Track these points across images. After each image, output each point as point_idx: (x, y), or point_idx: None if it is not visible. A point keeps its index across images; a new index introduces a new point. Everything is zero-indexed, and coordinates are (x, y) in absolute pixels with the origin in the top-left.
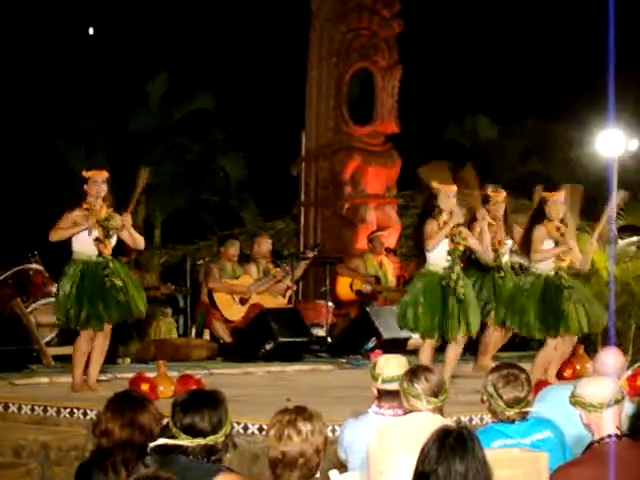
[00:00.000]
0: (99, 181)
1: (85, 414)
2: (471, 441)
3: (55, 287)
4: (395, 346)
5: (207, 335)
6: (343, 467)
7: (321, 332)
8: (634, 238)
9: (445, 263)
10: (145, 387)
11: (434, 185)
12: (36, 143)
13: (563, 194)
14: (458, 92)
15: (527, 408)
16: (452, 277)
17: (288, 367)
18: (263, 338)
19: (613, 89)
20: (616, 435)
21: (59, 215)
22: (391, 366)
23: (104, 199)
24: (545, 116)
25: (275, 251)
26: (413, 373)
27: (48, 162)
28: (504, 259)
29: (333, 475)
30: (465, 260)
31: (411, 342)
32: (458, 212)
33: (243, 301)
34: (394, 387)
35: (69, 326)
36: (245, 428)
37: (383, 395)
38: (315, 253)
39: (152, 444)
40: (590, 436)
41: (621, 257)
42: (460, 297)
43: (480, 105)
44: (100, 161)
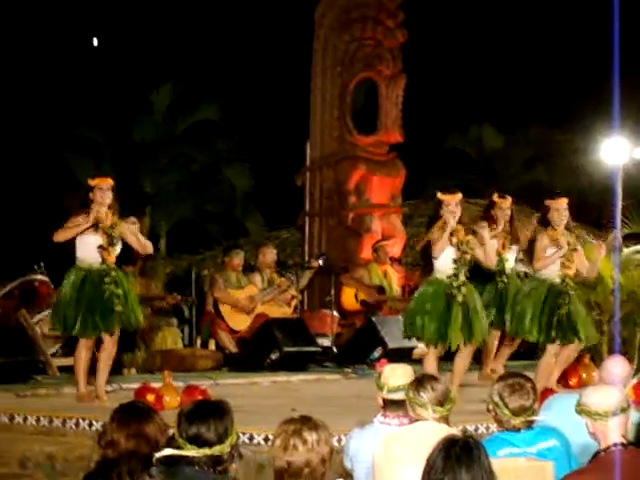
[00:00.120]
0: (104, 189)
1: (91, 425)
2: (477, 450)
3: None
4: (400, 355)
5: (212, 345)
6: (349, 477)
7: (326, 342)
8: (639, 246)
9: (450, 271)
10: (151, 397)
11: (438, 195)
12: (42, 154)
13: (566, 201)
14: (462, 101)
15: (533, 417)
16: (454, 284)
17: (293, 377)
18: (268, 348)
19: (618, 97)
20: (622, 444)
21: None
22: (396, 375)
23: (109, 207)
24: (550, 124)
25: (280, 261)
26: (419, 382)
27: (54, 173)
28: (508, 265)
29: None
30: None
31: (416, 351)
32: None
33: (248, 311)
34: (399, 396)
35: (66, 333)
36: (251, 438)
37: (389, 404)
38: (320, 262)
39: (158, 454)
40: (596, 445)
41: (626, 265)
42: (459, 302)
43: (484, 114)
44: (106, 171)
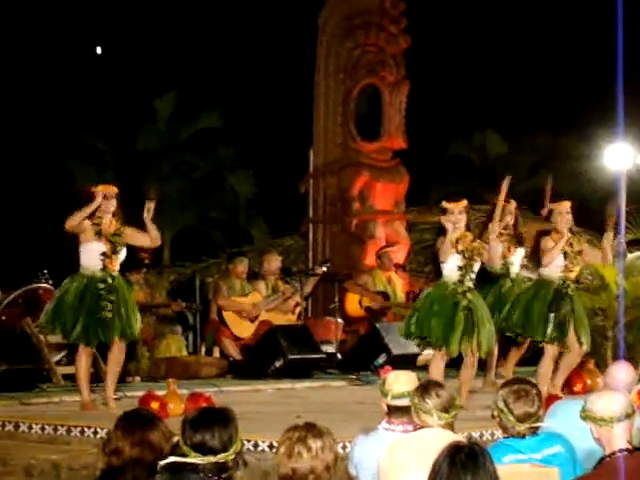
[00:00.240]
0: (108, 196)
1: (95, 433)
2: (482, 457)
3: None
4: (404, 362)
5: (217, 352)
6: None
7: (331, 349)
8: None
9: (456, 278)
10: (155, 405)
11: (443, 203)
12: (46, 162)
13: (569, 205)
14: (466, 108)
15: (538, 423)
16: (458, 290)
17: (298, 384)
18: (273, 355)
19: (621, 103)
20: (627, 450)
21: (66, 234)
22: (401, 382)
23: (113, 214)
24: (553, 131)
25: (284, 268)
26: (424, 389)
27: (58, 181)
28: (513, 268)
29: None
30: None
31: (421, 358)
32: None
33: (252, 318)
34: (404, 403)
35: (65, 339)
36: (255, 445)
37: (393, 411)
38: (324, 269)
39: (162, 462)
40: (601, 451)
41: (630, 271)
42: (463, 307)
43: (488, 121)
44: (109, 178)
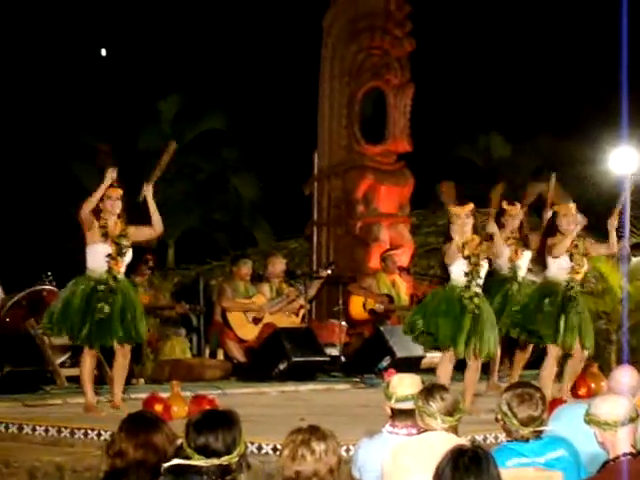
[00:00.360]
0: (114, 198)
1: (99, 435)
2: (486, 460)
3: None
4: (409, 365)
5: (221, 355)
6: None
7: (335, 351)
8: None
9: (463, 283)
10: (159, 407)
11: (449, 208)
12: (50, 163)
13: (574, 207)
14: (470, 111)
15: (541, 427)
16: (465, 295)
17: (302, 387)
18: (277, 358)
19: (626, 107)
20: (631, 453)
21: (71, 235)
22: (405, 385)
23: (119, 216)
24: (558, 134)
25: (288, 271)
26: (428, 392)
27: (61, 182)
28: (520, 272)
29: None
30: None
31: (425, 361)
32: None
33: (256, 321)
34: (408, 406)
35: (72, 341)
36: (259, 448)
37: (397, 414)
38: (329, 272)
39: (166, 464)
40: (605, 455)
41: (634, 275)
42: (470, 311)
43: (492, 123)
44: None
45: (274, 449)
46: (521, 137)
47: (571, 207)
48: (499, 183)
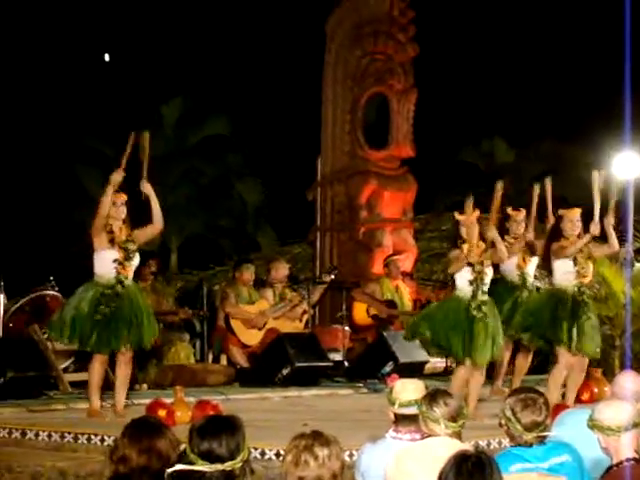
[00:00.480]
0: (119, 203)
1: (102, 440)
2: (489, 466)
3: None
4: (412, 370)
5: (224, 360)
6: None
7: (338, 357)
8: None
9: (469, 292)
10: (162, 413)
11: (455, 215)
12: (53, 167)
13: (579, 212)
14: (474, 116)
15: (545, 432)
16: (472, 305)
17: (305, 392)
18: (280, 363)
19: (629, 111)
20: (634, 459)
21: (75, 239)
22: (408, 390)
23: (124, 221)
24: (561, 139)
25: (291, 276)
26: (432, 397)
27: (65, 186)
28: (529, 279)
29: None
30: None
31: (428, 366)
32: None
33: (260, 327)
34: (411, 411)
35: (82, 347)
36: (262, 453)
37: (400, 419)
38: (332, 276)
39: (169, 470)
40: (608, 460)
41: (638, 280)
42: (479, 320)
43: (496, 128)
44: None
45: (277, 454)
46: (524, 142)
47: (576, 212)
48: (497, 185)
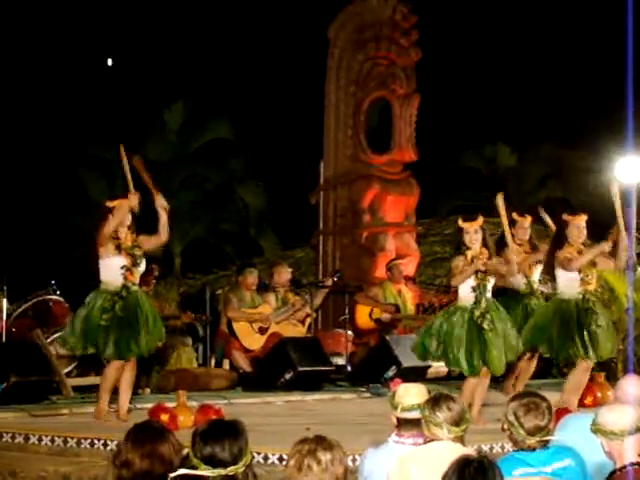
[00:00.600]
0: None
1: (105, 445)
2: (491, 470)
3: None
4: (415, 374)
5: (226, 365)
6: None
7: (341, 361)
8: None
9: (472, 299)
10: (165, 417)
11: (459, 222)
12: (56, 172)
13: (585, 218)
14: (476, 120)
15: (548, 436)
16: (476, 313)
17: (308, 396)
18: (282, 367)
19: (632, 116)
20: (638, 463)
21: (77, 244)
22: (411, 395)
23: (129, 227)
24: (564, 143)
25: (294, 280)
26: (435, 401)
27: (67, 191)
28: (536, 286)
29: None
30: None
31: (431, 370)
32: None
33: (262, 330)
34: (414, 416)
35: (100, 356)
36: (265, 458)
37: (403, 424)
38: (335, 279)
39: (172, 475)
40: (612, 464)
41: None
42: (488, 329)
43: (498, 133)
44: (118, 190)
45: (280, 459)
46: (527, 146)
47: (582, 218)
48: (499, 201)
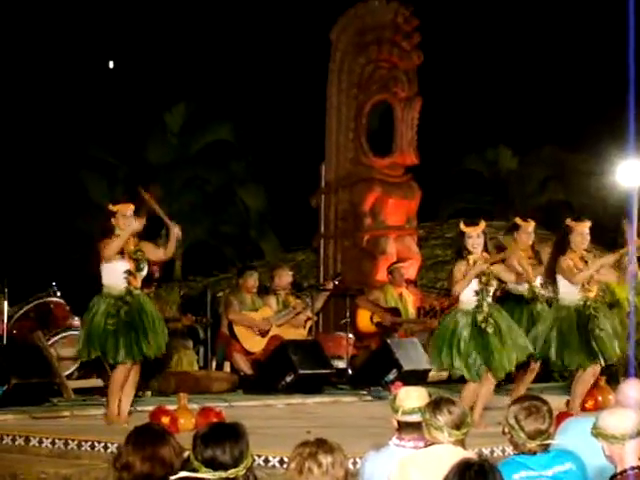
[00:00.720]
0: (127, 214)
1: (106, 447)
2: (492, 474)
3: (76, 320)
4: (415, 378)
5: (227, 367)
6: None
7: (341, 364)
8: None
9: (474, 303)
10: (166, 420)
11: (461, 227)
12: (57, 175)
13: (589, 225)
14: (477, 123)
15: (549, 440)
16: (478, 318)
17: (308, 399)
18: (283, 370)
19: (633, 119)
20: (639, 467)
21: (78, 247)
22: (411, 398)
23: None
24: (565, 146)
25: (295, 283)
26: (436, 405)
27: (69, 193)
28: (539, 291)
29: None
30: (501, 291)
31: (432, 374)
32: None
33: (263, 333)
34: (414, 419)
35: (110, 361)
36: (266, 461)
37: (403, 427)
38: (336, 282)
39: (173, 477)
40: (612, 468)
41: None
42: (492, 333)
43: (500, 136)
44: (119, 192)
45: (281, 462)
46: (528, 149)
47: (586, 224)
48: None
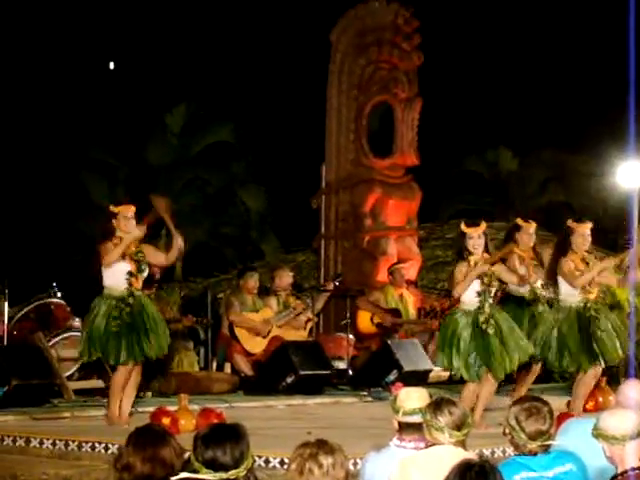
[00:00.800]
0: (129, 216)
1: (107, 448)
2: (493, 475)
3: (77, 321)
4: (416, 378)
5: (228, 368)
6: None
7: (342, 365)
8: None
9: (476, 304)
10: (166, 421)
11: (462, 227)
12: (58, 175)
13: (590, 226)
14: (478, 124)
15: (549, 441)
16: (480, 319)
17: (309, 400)
18: (284, 371)
19: (633, 120)
20: (639, 468)
21: (79, 248)
22: (412, 399)
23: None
24: (565, 147)
25: (295, 284)
26: (437, 406)
27: (70, 194)
28: (540, 292)
29: None
30: (502, 292)
31: (432, 374)
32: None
33: (264, 335)
34: (415, 420)
35: (112, 363)
36: (266, 462)
37: (404, 428)
38: (337, 283)
39: (174, 478)
40: (613, 469)
41: None
42: (492, 334)
43: (500, 137)
44: (120, 193)
45: (281, 463)
46: (529, 151)
47: (587, 226)
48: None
